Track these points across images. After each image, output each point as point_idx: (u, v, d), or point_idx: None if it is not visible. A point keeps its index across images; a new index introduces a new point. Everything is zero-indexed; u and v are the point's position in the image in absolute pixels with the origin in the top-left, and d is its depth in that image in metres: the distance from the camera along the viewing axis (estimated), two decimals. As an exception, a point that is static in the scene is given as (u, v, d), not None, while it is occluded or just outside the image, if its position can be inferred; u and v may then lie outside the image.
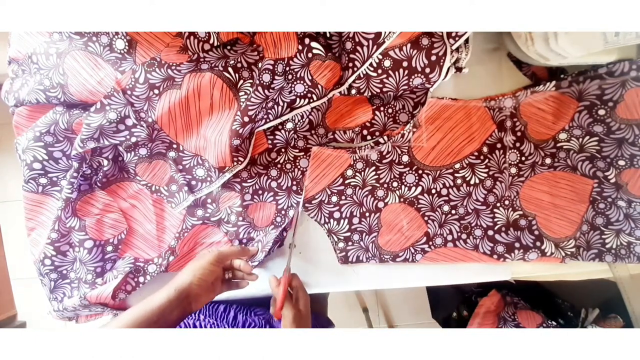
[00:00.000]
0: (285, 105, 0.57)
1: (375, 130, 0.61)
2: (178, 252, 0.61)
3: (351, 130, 0.61)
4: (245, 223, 0.62)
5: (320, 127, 0.61)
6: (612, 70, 0.51)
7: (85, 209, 0.61)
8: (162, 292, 0.48)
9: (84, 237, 0.59)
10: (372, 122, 0.60)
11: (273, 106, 0.57)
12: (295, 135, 0.60)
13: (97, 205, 0.61)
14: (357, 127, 0.61)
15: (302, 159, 0.61)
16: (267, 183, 0.62)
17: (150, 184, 0.62)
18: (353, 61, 0.55)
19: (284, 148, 0.62)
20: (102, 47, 0.54)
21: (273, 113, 0.58)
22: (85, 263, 0.60)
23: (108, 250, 0.61)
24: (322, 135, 0.61)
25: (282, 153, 0.62)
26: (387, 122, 0.60)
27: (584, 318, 0.69)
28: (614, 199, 0.56)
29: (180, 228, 0.62)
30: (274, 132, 0.60)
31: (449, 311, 0.81)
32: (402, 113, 0.60)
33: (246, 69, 0.57)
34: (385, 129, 0.60)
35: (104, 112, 0.56)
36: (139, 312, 0.45)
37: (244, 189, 0.62)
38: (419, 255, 0.60)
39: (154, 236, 0.63)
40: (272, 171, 0.62)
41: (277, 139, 0.60)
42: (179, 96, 0.56)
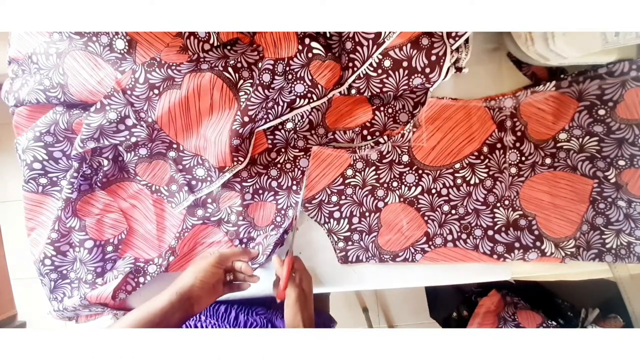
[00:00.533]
0: (285, 105, 0.57)
1: (376, 130, 0.61)
2: (178, 252, 0.61)
3: (351, 131, 0.61)
4: (245, 222, 0.62)
5: (320, 127, 0.61)
6: (612, 70, 0.51)
7: (86, 209, 0.61)
8: (164, 295, 0.47)
9: (84, 237, 0.59)
10: (372, 122, 0.60)
11: (273, 106, 0.57)
12: (295, 135, 0.60)
13: (98, 205, 0.61)
14: (357, 127, 0.61)
15: (302, 159, 0.61)
16: (267, 183, 0.62)
17: (150, 183, 0.62)
18: (353, 61, 0.55)
19: (284, 148, 0.62)
20: (102, 47, 0.54)
21: (273, 113, 0.58)
22: (86, 263, 0.60)
23: (108, 251, 0.61)
24: (322, 135, 0.61)
25: (282, 153, 0.62)
26: (387, 122, 0.60)
27: (584, 318, 0.69)
28: (614, 199, 0.56)
29: (181, 228, 0.62)
30: (274, 132, 0.60)
31: (449, 311, 0.81)
32: (402, 113, 0.60)
33: (246, 68, 0.57)
34: (386, 128, 0.61)
35: (104, 112, 0.56)
36: (141, 315, 0.45)
37: (244, 188, 0.62)
38: (418, 255, 0.60)
39: (154, 236, 0.63)
40: (272, 171, 0.62)
41: (277, 138, 0.60)
42: (179, 96, 0.56)
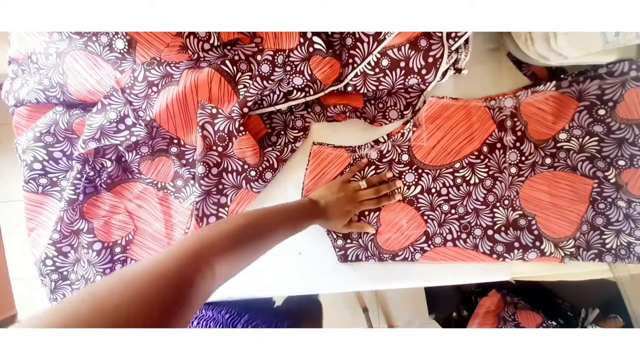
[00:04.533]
0: (282, 95, 0.57)
1: (365, 118, 0.61)
2: None
3: (342, 105, 0.60)
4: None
5: (316, 105, 0.61)
6: (612, 70, 0.51)
7: (92, 211, 0.61)
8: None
9: (92, 239, 0.60)
10: (362, 110, 0.60)
11: (268, 94, 0.57)
12: (292, 116, 0.60)
13: (104, 207, 0.61)
14: (349, 105, 0.61)
15: (301, 139, 0.61)
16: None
17: (155, 181, 0.62)
18: (353, 57, 0.55)
19: (283, 130, 0.62)
20: (101, 47, 0.54)
21: (267, 100, 0.57)
22: (95, 265, 0.60)
23: (117, 252, 0.62)
24: (318, 112, 0.61)
25: (282, 135, 0.62)
26: (376, 115, 0.60)
27: (584, 318, 0.69)
28: (614, 199, 0.56)
29: (189, 224, 0.62)
30: (271, 116, 0.60)
31: (448, 311, 0.80)
32: (393, 110, 0.60)
33: (244, 61, 0.57)
34: (374, 121, 0.60)
35: (104, 112, 0.56)
36: (265, 208, 0.47)
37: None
38: (418, 254, 0.60)
39: (163, 234, 0.63)
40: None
41: (275, 122, 0.61)
42: (176, 92, 0.56)
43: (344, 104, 0.60)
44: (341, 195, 0.56)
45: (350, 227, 0.59)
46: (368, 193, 0.58)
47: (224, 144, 0.57)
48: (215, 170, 0.59)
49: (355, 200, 0.57)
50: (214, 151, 0.58)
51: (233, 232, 0.39)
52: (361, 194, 0.58)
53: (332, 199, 0.56)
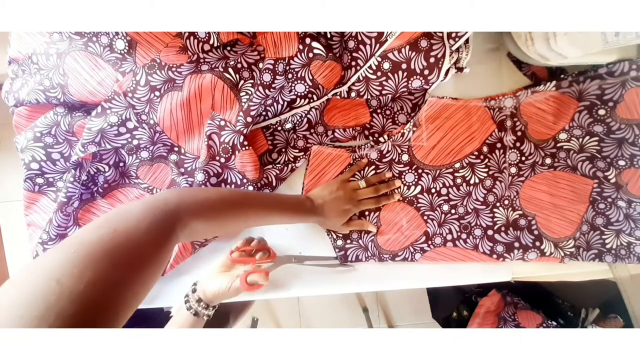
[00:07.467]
0: (285, 104, 0.57)
1: (375, 132, 0.61)
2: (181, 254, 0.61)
3: (352, 128, 0.61)
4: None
5: (320, 125, 0.61)
6: (612, 70, 0.51)
7: (87, 217, 0.61)
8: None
9: None
10: (371, 124, 0.61)
11: (272, 104, 0.57)
12: (294, 135, 0.60)
13: (99, 214, 0.62)
14: (357, 126, 0.61)
15: (301, 159, 0.61)
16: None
17: (151, 186, 0.62)
18: (356, 60, 0.55)
19: (284, 148, 0.62)
20: (102, 48, 0.54)
21: (272, 111, 0.58)
22: None
23: None
24: (321, 133, 0.61)
25: (283, 153, 0.62)
26: (386, 124, 0.60)
27: (584, 318, 0.69)
28: (614, 199, 0.56)
29: None
30: (274, 133, 0.60)
31: (449, 311, 0.81)
32: (401, 114, 0.60)
33: (246, 69, 0.57)
34: (385, 130, 0.61)
35: (105, 115, 0.56)
36: (258, 192, 0.50)
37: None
38: (418, 254, 0.60)
39: None
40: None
41: (277, 139, 0.60)
42: (180, 98, 0.56)
43: (352, 127, 0.60)
44: (340, 194, 0.56)
45: (349, 226, 0.59)
46: (367, 192, 0.58)
47: (227, 156, 0.58)
48: (215, 180, 0.59)
49: (354, 199, 0.57)
50: (216, 161, 0.58)
51: (212, 199, 0.42)
52: (360, 193, 0.58)
53: (330, 197, 0.56)
